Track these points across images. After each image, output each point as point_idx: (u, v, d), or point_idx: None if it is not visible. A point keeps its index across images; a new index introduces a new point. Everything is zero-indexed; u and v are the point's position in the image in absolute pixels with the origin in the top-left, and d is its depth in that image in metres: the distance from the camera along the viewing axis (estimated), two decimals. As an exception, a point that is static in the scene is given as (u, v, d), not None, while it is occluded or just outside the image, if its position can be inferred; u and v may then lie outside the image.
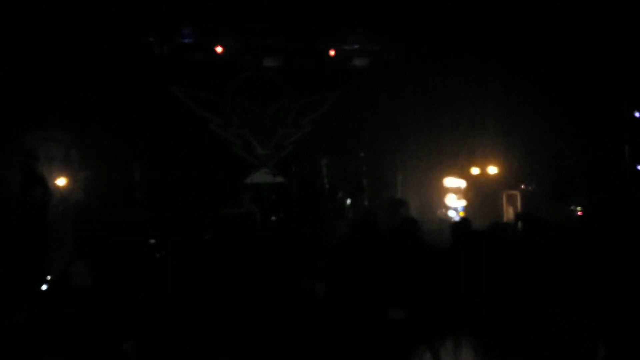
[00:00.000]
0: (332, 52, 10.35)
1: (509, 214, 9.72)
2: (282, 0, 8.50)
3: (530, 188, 9.72)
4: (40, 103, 8.32)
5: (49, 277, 5.85)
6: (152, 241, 8.21)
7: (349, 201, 9.62)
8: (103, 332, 3.04)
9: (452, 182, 10.83)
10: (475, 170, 10.54)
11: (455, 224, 6.15)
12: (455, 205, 10.59)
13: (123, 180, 9.33)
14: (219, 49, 9.79)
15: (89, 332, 3.00)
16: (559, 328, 2.35)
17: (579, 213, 8.58)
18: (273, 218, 9.49)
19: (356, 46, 10.36)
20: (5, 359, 2.22)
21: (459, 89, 10.31)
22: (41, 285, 3.87)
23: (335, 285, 3.29)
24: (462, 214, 10.14)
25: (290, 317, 2.93)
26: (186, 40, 9.63)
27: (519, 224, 5.77)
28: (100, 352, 2.94)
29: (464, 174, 10.66)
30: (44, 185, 7.34)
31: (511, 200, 9.81)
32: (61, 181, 8.57)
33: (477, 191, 10.39)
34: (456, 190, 10.73)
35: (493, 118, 10.20)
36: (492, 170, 10.46)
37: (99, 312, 3.15)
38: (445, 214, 10.64)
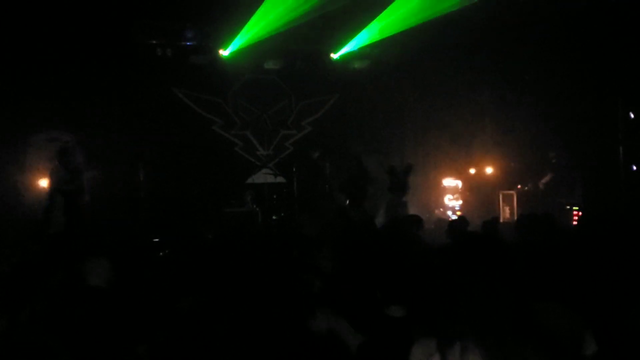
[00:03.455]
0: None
1: (505, 213, 9.84)
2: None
3: (526, 188, 9.84)
4: (45, 104, 8.43)
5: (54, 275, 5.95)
6: (156, 240, 8.31)
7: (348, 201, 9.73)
8: (114, 333, 2.99)
9: (449, 182, 10.96)
10: (472, 170, 10.66)
11: (452, 222, 6.28)
12: (452, 205, 10.71)
13: (127, 180, 9.43)
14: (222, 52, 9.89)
15: (99, 333, 2.95)
16: (551, 324, 2.46)
17: (575, 213, 8.69)
18: (274, 217, 9.59)
19: None
20: (7, 358, 2.20)
21: (457, 91, 10.43)
22: (46, 282, 3.88)
23: (333, 283, 3.34)
24: (459, 213, 10.26)
25: (288, 316, 2.98)
26: (189, 43, 9.71)
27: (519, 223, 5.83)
28: (110, 354, 2.90)
29: (461, 174, 10.78)
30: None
31: (507, 200, 9.93)
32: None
33: (473, 191, 10.50)
34: (453, 190, 10.85)
35: (490, 118, 10.32)
36: (489, 170, 10.58)
37: (109, 313, 3.11)
38: (444, 214, 10.77)
